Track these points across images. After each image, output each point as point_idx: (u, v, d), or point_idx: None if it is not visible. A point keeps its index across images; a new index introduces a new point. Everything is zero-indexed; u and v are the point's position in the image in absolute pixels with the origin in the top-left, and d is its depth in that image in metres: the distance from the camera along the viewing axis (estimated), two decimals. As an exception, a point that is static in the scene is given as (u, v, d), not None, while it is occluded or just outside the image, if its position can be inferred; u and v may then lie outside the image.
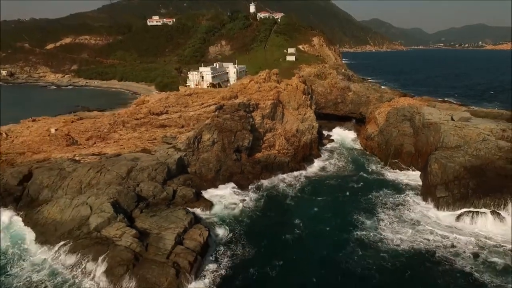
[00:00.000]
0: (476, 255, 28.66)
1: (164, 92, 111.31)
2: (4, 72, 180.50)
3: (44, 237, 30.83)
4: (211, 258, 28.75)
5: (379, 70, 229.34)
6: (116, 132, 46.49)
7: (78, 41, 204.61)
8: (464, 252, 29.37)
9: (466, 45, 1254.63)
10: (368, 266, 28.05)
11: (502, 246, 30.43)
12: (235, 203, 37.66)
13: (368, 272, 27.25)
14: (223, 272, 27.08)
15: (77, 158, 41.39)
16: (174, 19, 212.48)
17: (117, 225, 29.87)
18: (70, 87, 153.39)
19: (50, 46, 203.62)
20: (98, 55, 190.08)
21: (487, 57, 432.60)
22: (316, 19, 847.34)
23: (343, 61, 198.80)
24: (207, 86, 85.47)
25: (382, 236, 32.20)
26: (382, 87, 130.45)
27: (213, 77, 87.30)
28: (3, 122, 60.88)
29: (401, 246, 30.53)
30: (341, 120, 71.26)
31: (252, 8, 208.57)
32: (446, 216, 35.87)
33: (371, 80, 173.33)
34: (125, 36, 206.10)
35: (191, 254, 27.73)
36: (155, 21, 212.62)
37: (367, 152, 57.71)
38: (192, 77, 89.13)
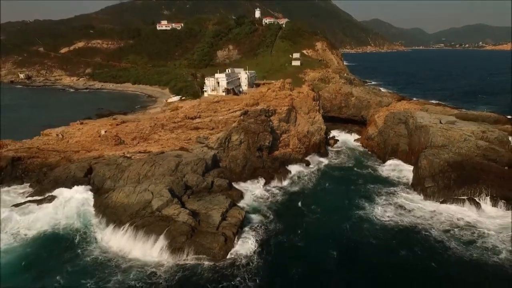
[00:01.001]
0: (448, 230, 37.28)
1: (178, 96, 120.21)
2: (22, 75, 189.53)
3: (116, 216, 39.40)
4: (249, 230, 37.40)
5: (379, 72, 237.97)
6: (156, 134, 55.14)
7: (91, 45, 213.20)
8: (440, 227, 37.98)
9: (467, 45, 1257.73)
10: (365, 234, 37.18)
11: (472, 225, 38.91)
12: (260, 192, 46.32)
13: (365, 239, 36.29)
14: (258, 238, 35.85)
15: (128, 155, 50.07)
16: (182, 24, 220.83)
17: (174, 206, 38.52)
18: (87, 90, 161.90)
19: (64, 50, 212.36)
20: (110, 58, 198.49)
21: (487, 58, 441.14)
22: (317, 21, 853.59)
23: (344, 64, 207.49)
24: (222, 91, 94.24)
25: (376, 215, 40.93)
26: (382, 89, 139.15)
27: (227, 83, 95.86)
28: (43, 123, 70.35)
29: (391, 222, 39.36)
30: (345, 122, 79.86)
31: (257, 13, 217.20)
32: (430, 202, 44.48)
33: (372, 82, 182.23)
34: (135, 40, 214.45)
35: (234, 227, 36.41)
36: (164, 25, 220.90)
37: (368, 151, 66.23)
38: (209, 83, 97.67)
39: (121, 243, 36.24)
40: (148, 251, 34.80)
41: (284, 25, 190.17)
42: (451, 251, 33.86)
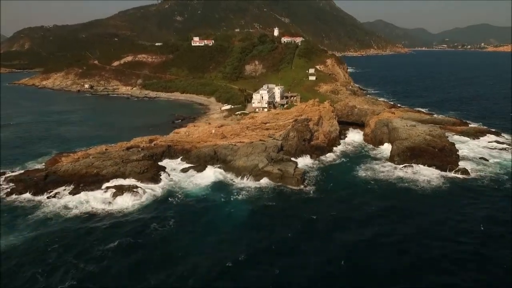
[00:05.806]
0: (399, 178, 78.61)
1: (229, 105, 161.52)
2: (86, 85, 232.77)
3: (239, 172, 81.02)
4: (306, 178, 79.20)
5: (378, 78, 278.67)
6: (243, 132, 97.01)
7: (138, 59, 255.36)
8: (395, 177, 79.14)
9: (469, 46, 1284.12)
10: (357, 179, 78.44)
11: (413, 177, 79.92)
12: (307, 163, 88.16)
13: (359, 184, 77.23)
14: (311, 180, 77.59)
15: (232, 143, 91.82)
16: (212, 40, 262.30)
17: (269, 166, 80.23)
18: (146, 98, 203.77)
19: (115, 63, 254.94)
20: (156, 71, 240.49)
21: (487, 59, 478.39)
22: (322, 24, 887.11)
23: (348, 70, 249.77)
24: (266, 103, 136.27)
25: (364, 174, 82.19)
26: (379, 99, 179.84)
27: (269, 97, 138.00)
28: (144, 126, 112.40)
29: (370, 176, 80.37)
30: (351, 125, 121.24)
31: (276, 32, 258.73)
32: (395, 167, 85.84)
33: (371, 91, 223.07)
34: (174, 54, 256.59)
35: (300, 175, 77.94)
36: (197, 42, 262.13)
37: (365, 143, 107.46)
38: (255, 97, 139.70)
39: (244, 183, 78.01)
40: (260, 185, 76.48)
41: (300, 44, 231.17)
42: (398, 185, 75.33)
